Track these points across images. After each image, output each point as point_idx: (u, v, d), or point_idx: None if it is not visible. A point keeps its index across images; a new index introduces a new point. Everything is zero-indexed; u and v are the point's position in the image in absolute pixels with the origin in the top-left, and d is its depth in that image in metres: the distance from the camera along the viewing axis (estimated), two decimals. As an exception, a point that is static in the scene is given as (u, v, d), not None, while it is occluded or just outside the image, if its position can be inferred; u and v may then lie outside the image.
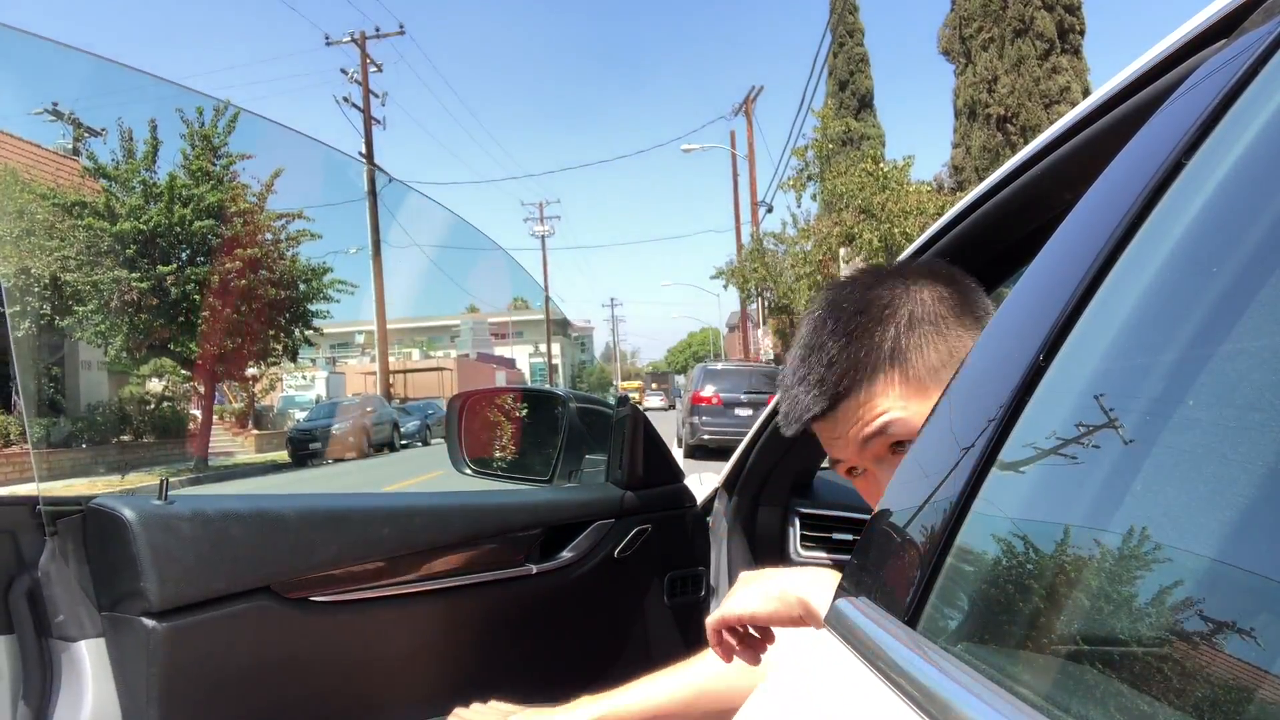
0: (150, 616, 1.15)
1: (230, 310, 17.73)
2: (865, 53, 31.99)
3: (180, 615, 1.17)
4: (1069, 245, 0.65)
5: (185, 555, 1.18)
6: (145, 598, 1.15)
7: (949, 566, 0.62)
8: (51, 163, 22.02)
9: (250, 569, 1.24)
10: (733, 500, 1.76)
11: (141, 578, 1.15)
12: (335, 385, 43.10)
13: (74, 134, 27.93)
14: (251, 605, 1.23)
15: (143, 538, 1.16)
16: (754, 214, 31.16)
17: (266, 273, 18.66)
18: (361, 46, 31.02)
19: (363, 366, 51.81)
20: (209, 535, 1.21)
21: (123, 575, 1.18)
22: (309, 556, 1.30)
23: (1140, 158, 0.60)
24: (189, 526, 1.20)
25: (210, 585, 1.20)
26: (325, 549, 1.31)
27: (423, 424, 29.87)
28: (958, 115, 23.73)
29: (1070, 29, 22.01)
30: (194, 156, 18.28)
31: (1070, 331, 0.59)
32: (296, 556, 1.29)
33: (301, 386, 41.39)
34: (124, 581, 1.18)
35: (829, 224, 18.97)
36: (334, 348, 71.46)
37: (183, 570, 1.17)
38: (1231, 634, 0.39)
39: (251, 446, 26.99)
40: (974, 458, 0.63)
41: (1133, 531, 0.47)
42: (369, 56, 31.17)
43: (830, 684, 0.66)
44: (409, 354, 61.52)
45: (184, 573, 1.17)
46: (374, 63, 31.42)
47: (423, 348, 67.63)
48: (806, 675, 0.71)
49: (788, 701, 0.70)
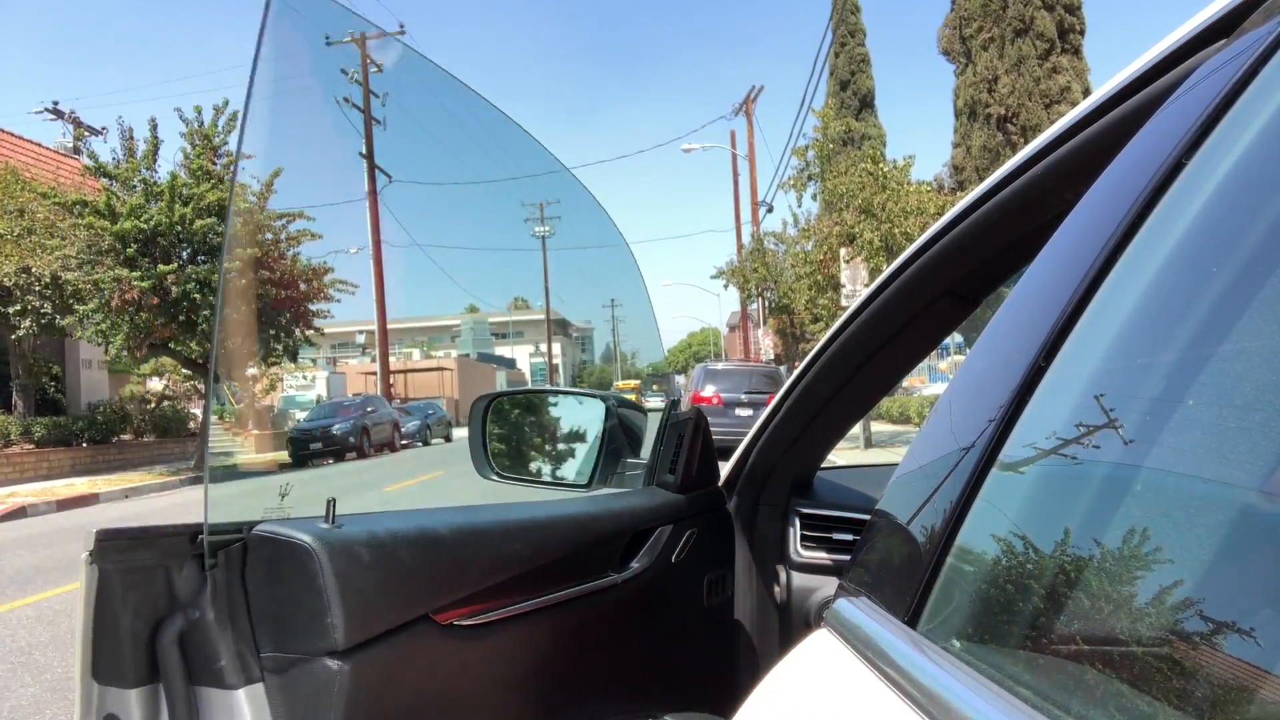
0: (334, 656, 1.00)
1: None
2: (867, 53, 31.97)
3: (360, 651, 1.03)
4: (1069, 245, 0.65)
5: (366, 585, 1.04)
6: (329, 635, 1.00)
7: (949, 566, 0.62)
8: (52, 161, 22.03)
9: (417, 596, 1.12)
10: (733, 500, 1.76)
11: (327, 612, 0.99)
12: (336, 385, 43.06)
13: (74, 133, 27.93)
14: (415, 634, 1.11)
15: (329, 567, 1.00)
16: (754, 214, 31.14)
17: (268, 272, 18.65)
18: (361, 46, 30.99)
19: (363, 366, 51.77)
20: (383, 561, 1.08)
21: (298, 610, 1.02)
22: (461, 578, 1.19)
23: (1140, 158, 0.60)
24: (367, 553, 1.06)
25: (387, 616, 1.07)
26: (473, 569, 1.20)
27: (423, 424, 29.83)
28: (958, 115, 23.72)
29: (1070, 29, 21.99)
30: (194, 156, 18.28)
31: (1070, 331, 0.59)
32: (451, 579, 1.17)
33: (302, 386, 41.36)
34: (300, 617, 1.02)
35: (829, 224, 18.95)
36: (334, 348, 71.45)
37: (364, 601, 1.03)
38: (1231, 634, 0.39)
39: (251, 446, 26.99)
40: (974, 458, 0.63)
41: (1132, 531, 0.47)
42: (369, 57, 31.14)
43: (830, 684, 0.66)
44: (409, 354, 61.52)
45: (366, 604, 1.03)
46: (374, 62, 31.39)
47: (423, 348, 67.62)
48: (806, 675, 0.71)
49: (788, 701, 0.69)
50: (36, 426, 18.50)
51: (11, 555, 8.38)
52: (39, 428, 18.52)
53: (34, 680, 4.24)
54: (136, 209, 16.94)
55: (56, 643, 4.92)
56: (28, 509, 12.70)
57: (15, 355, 18.96)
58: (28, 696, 4.00)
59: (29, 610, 5.81)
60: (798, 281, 22.23)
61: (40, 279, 16.92)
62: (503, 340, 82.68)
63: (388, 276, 25.76)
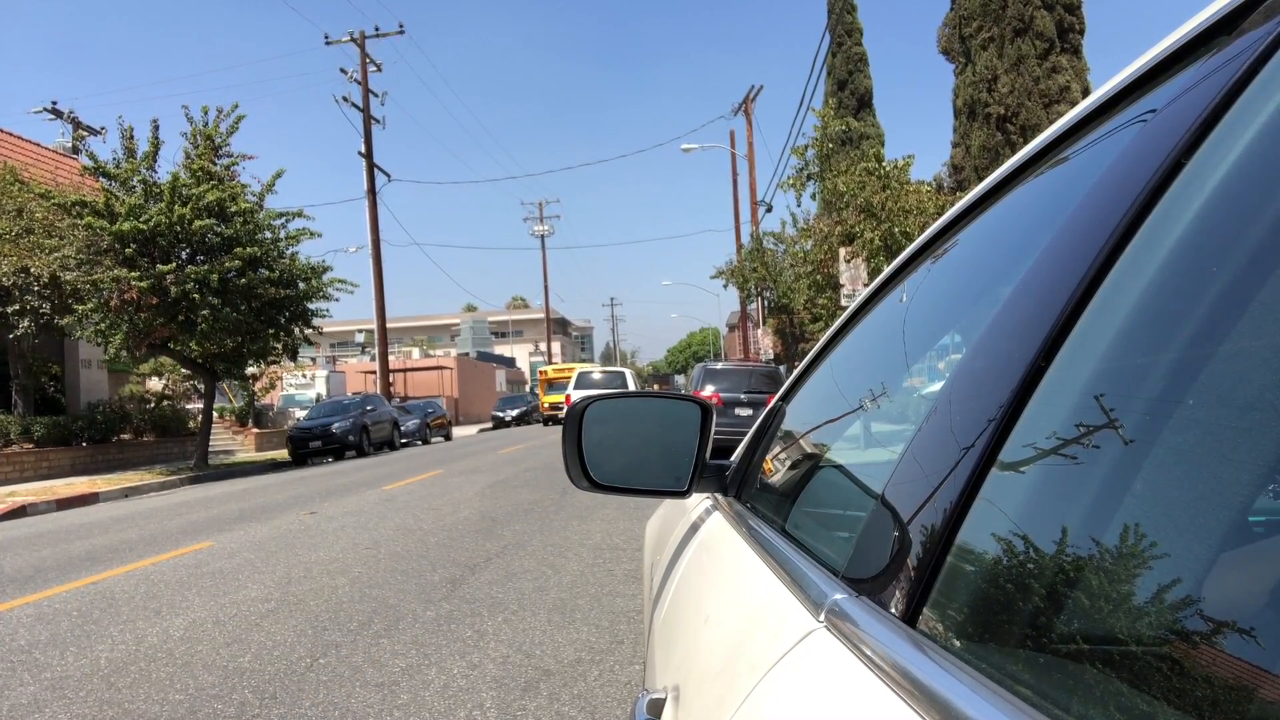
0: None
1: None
2: (864, 52, 31.97)
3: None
4: (1069, 245, 0.65)
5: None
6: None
7: (949, 566, 0.62)
8: (51, 161, 22.01)
9: None
10: (732, 499, 1.76)
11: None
12: (336, 384, 43.08)
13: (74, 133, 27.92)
14: None
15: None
16: (754, 213, 31.16)
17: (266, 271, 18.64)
18: (361, 46, 30.99)
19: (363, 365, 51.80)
20: None
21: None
22: None
23: (1140, 157, 0.60)
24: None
25: None
26: None
27: (422, 423, 29.87)
28: (957, 114, 23.72)
29: (1070, 28, 21.99)
30: (195, 156, 18.27)
31: (1070, 331, 0.59)
32: None
33: (302, 385, 41.38)
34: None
35: (829, 223, 18.96)
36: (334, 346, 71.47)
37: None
38: (1231, 634, 0.39)
39: (251, 445, 26.99)
40: (974, 458, 0.63)
41: (1132, 531, 0.47)
42: (369, 56, 31.15)
43: (829, 683, 0.66)
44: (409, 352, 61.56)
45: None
46: (374, 62, 31.39)
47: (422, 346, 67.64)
48: (805, 675, 0.71)
49: (786, 701, 0.69)
50: (36, 426, 18.51)
51: (11, 554, 8.38)
52: (39, 427, 18.53)
53: (34, 679, 4.24)
54: (135, 209, 16.92)
55: (56, 642, 4.92)
56: (28, 508, 12.70)
57: (14, 355, 18.96)
58: (27, 696, 4.00)
59: (29, 609, 5.81)
60: (797, 281, 22.24)
61: (39, 279, 16.91)
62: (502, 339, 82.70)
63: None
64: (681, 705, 1.02)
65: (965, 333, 1.00)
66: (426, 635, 4.68)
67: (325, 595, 5.75)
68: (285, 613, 5.33)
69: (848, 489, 1.25)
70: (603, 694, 3.69)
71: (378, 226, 31.03)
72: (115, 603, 5.86)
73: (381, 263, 31.18)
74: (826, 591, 0.79)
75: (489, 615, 5.05)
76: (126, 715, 3.69)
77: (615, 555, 6.76)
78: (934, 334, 1.33)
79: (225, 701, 3.76)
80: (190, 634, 4.93)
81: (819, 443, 1.55)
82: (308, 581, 6.24)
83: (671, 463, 1.65)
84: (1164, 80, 0.66)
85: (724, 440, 14.04)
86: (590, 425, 1.66)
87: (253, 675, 4.11)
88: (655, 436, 1.70)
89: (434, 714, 3.53)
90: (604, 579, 5.94)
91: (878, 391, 1.40)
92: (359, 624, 4.96)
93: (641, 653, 3.40)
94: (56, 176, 20.01)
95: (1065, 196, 0.74)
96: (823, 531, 1.18)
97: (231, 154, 19.01)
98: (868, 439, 1.37)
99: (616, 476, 1.66)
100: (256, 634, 4.85)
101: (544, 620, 4.90)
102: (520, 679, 3.91)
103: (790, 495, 1.57)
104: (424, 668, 4.12)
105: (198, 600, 5.81)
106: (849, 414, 1.43)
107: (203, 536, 8.86)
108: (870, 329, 1.42)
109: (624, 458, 1.70)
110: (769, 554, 1.10)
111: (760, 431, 1.71)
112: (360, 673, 4.07)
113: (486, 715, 3.50)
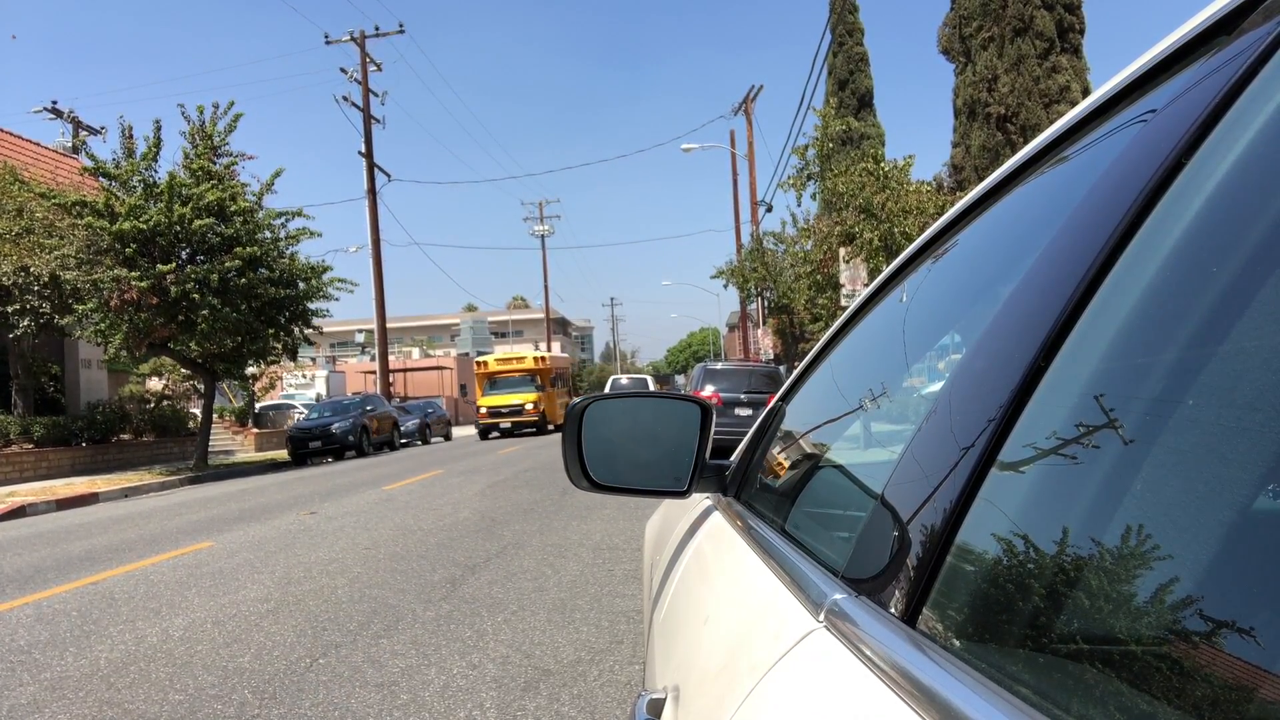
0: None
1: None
2: (865, 52, 31.98)
3: None
4: (1069, 245, 0.65)
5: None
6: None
7: (949, 566, 0.62)
8: (51, 161, 22.01)
9: None
10: (731, 499, 1.76)
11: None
12: (335, 384, 43.10)
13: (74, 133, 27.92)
14: None
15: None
16: (754, 213, 31.16)
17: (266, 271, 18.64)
18: (361, 45, 30.99)
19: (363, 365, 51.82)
20: None
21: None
22: None
23: (1140, 157, 0.60)
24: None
25: None
26: None
27: (422, 423, 29.87)
28: (957, 114, 23.72)
29: (1070, 28, 21.99)
30: (195, 155, 18.26)
31: (1070, 331, 0.59)
32: None
33: (302, 385, 41.39)
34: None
35: (829, 223, 18.95)
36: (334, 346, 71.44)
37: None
38: (1231, 634, 0.39)
39: (251, 445, 26.99)
40: (974, 458, 0.63)
41: (1132, 531, 0.47)
42: (369, 55, 31.15)
43: (829, 683, 0.66)
44: (409, 353, 61.55)
45: None
46: (374, 61, 31.40)
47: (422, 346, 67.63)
48: (804, 674, 0.71)
49: (786, 702, 0.69)
50: (36, 426, 18.50)
51: (11, 555, 8.38)
52: (38, 427, 18.51)
53: (33, 680, 4.24)
54: (135, 209, 16.91)
55: (56, 642, 4.92)
56: (27, 508, 12.70)
57: (14, 355, 18.95)
58: (27, 696, 4.00)
59: (29, 610, 5.81)
60: (797, 281, 22.25)
61: (39, 278, 16.90)
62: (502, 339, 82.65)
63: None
64: (681, 705, 1.02)
65: (965, 333, 1.00)
66: (426, 635, 4.68)
67: (325, 595, 5.76)
68: (285, 613, 5.33)
69: (847, 489, 1.25)
70: (602, 694, 3.69)
71: (378, 226, 31.04)
72: (115, 603, 5.87)
73: (381, 262, 31.18)
74: (826, 591, 0.79)
75: (489, 615, 5.05)
76: (126, 715, 3.69)
77: (615, 555, 6.76)
78: (934, 334, 1.33)
79: (225, 702, 3.77)
80: (190, 634, 4.93)
81: (819, 443, 1.55)
82: (307, 581, 6.24)
83: (671, 463, 1.65)
84: (1164, 80, 0.66)
85: (724, 440, 14.07)
86: (590, 425, 1.66)
87: (252, 675, 4.11)
88: (655, 436, 1.70)
89: (434, 714, 3.53)
90: (603, 579, 5.94)
91: (878, 391, 1.39)
92: (359, 624, 4.96)
93: (641, 653, 3.40)
94: (56, 176, 20.00)
95: (1065, 196, 0.74)
96: (822, 531, 1.17)
97: (230, 153, 19.01)
98: (868, 439, 1.36)
99: (616, 476, 1.66)
100: (256, 634, 4.85)
101: (544, 620, 4.90)
102: (520, 679, 3.91)
103: (790, 495, 1.56)
104: (424, 668, 4.12)
105: (197, 600, 5.81)
106: (849, 414, 1.43)
107: (202, 536, 8.86)
108: (870, 329, 1.42)
109: (624, 458, 1.70)
110: (769, 554, 1.10)
111: (760, 431, 1.71)
112: (360, 673, 4.07)
113: (486, 715, 3.50)
